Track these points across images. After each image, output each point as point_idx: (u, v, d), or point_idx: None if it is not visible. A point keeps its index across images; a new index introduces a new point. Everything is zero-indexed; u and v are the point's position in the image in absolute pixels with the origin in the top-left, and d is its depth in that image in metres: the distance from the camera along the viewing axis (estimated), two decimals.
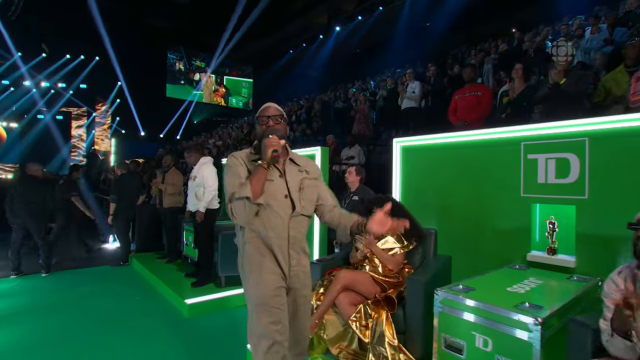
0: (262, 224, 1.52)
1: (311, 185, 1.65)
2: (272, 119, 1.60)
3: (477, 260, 2.74)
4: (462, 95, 4.04)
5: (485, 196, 2.77)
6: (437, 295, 1.86)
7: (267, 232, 1.52)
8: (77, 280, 4.53)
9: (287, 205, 1.56)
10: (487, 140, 2.80)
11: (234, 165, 1.57)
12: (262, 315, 1.48)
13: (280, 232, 1.53)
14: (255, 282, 1.52)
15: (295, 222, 1.57)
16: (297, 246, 1.59)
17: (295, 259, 1.58)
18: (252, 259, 1.54)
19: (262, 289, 1.50)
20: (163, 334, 2.96)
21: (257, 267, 1.53)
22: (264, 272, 1.52)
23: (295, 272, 1.58)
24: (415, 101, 6.23)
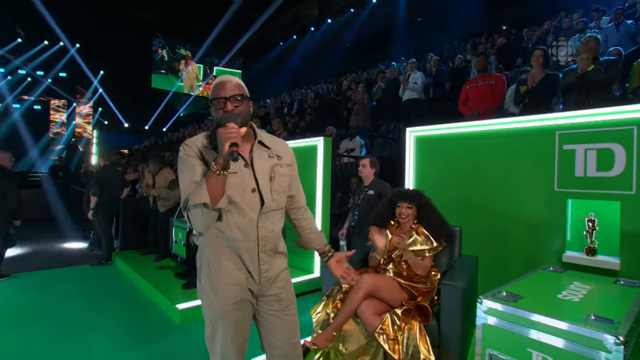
0: (225, 225, 1.24)
1: (284, 174, 1.37)
2: (230, 100, 1.25)
3: (504, 261, 2.51)
4: (474, 84, 3.81)
5: (513, 191, 2.53)
6: (481, 304, 1.60)
7: (233, 234, 1.25)
8: (53, 282, 4.11)
9: (255, 201, 1.28)
10: (515, 129, 2.56)
11: (187, 158, 1.26)
12: (217, 331, 1.27)
13: (248, 234, 1.26)
14: (211, 292, 1.27)
15: (265, 220, 1.30)
16: (268, 248, 1.31)
17: (267, 262, 1.31)
18: (210, 265, 1.28)
19: (219, 301, 1.26)
20: (152, 343, 2.63)
21: (215, 275, 1.27)
22: (223, 282, 1.26)
23: (268, 277, 1.32)
24: (417, 92, 5.98)
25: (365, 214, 3.11)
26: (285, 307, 1.36)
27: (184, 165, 1.27)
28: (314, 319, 2.03)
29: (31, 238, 7.11)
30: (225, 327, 1.26)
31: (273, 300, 1.34)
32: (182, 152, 1.29)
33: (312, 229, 1.54)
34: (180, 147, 1.30)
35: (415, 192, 2.23)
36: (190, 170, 1.23)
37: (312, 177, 4.22)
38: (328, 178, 4.22)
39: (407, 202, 2.17)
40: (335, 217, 4.47)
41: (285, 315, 1.36)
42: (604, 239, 2.15)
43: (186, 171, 1.25)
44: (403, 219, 2.18)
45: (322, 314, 2.01)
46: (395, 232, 2.22)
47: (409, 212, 2.17)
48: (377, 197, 3.12)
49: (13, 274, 4.26)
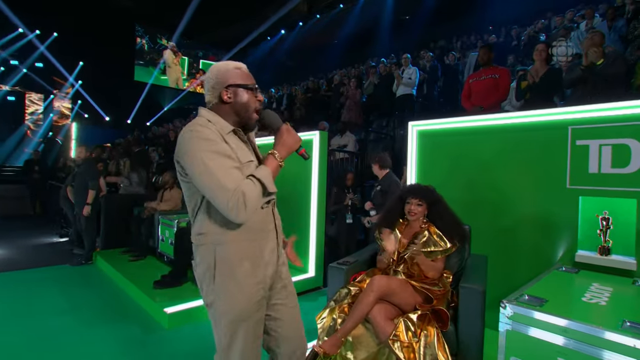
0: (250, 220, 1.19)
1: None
2: (259, 91, 1.27)
3: (513, 261, 2.42)
4: (478, 78, 3.71)
5: (522, 188, 2.44)
6: (505, 309, 1.48)
7: (256, 226, 1.22)
8: (28, 283, 3.83)
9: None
10: (525, 124, 2.46)
11: (216, 142, 1.14)
12: (237, 337, 1.18)
13: (268, 224, 1.27)
14: (233, 291, 1.18)
15: (275, 208, 1.34)
16: (281, 236, 1.37)
17: (281, 252, 1.36)
18: (229, 263, 1.18)
19: (242, 301, 1.18)
20: (139, 349, 2.43)
21: (238, 274, 1.18)
22: (245, 281, 1.19)
23: (283, 266, 1.36)
24: (411, 88, 5.88)
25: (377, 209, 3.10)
26: (292, 296, 1.37)
27: (214, 148, 1.13)
28: (318, 325, 1.88)
29: (4, 236, 6.70)
30: (246, 330, 1.19)
31: (282, 289, 1.33)
32: (204, 135, 1.14)
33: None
34: (196, 130, 1.15)
35: (427, 188, 2.11)
36: (226, 156, 1.14)
37: (307, 173, 4.06)
38: (324, 174, 4.07)
39: (418, 198, 2.04)
40: (330, 215, 4.32)
41: (292, 303, 1.36)
42: (618, 238, 2.08)
43: (221, 156, 1.13)
44: (412, 216, 2.05)
45: (327, 320, 1.86)
46: (405, 230, 2.09)
47: (419, 209, 2.04)
48: (381, 193, 3.01)
49: None
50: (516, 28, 7.64)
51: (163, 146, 8.34)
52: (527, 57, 6.37)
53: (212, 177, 1.09)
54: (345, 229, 4.18)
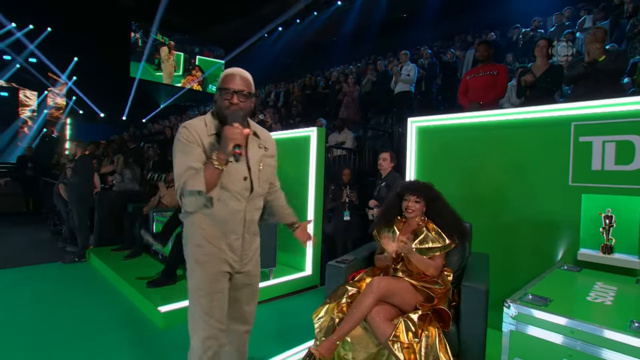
0: (217, 209, 1.36)
1: (270, 164, 1.54)
2: (237, 94, 1.35)
3: (514, 259, 2.39)
4: (475, 75, 3.67)
5: (523, 185, 2.40)
6: (508, 309, 1.44)
7: (223, 217, 1.38)
8: (20, 281, 3.75)
9: (246, 188, 1.41)
10: (527, 120, 2.42)
11: (187, 143, 1.33)
12: (202, 303, 1.38)
13: (237, 217, 1.40)
14: (197, 264, 1.39)
15: (251, 205, 1.45)
16: (251, 230, 1.49)
17: (249, 242, 1.48)
18: (198, 241, 1.39)
19: (203, 272, 1.39)
20: (133, 350, 2.37)
21: (201, 250, 1.39)
22: (209, 256, 1.39)
23: (248, 255, 1.49)
24: (409, 85, 5.84)
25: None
26: (253, 282, 1.55)
27: (183, 148, 1.33)
28: (315, 325, 1.83)
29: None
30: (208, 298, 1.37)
31: (245, 275, 1.50)
32: (183, 136, 1.34)
33: (286, 206, 1.77)
34: (181, 129, 1.36)
35: (425, 184, 2.06)
36: (189, 156, 1.31)
37: (305, 170, 4.01)
38: (321, 170, 4.02)
39: (415, 195, 2.00)
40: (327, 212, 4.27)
41: (251, 288, 1.55)
42: (621, 236, 2.04)
43: (185, 155, 1.32)
44: (409, 213, 2.00)
45: (325, 319, 1.81)
46: (403, 228, 2.05)
47: (417, 206, 1.99)
48: (387, 189, 2.98)
49: None
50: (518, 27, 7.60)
51: (159, 143, 8.24)
52: (526, 55, 6.35)
53: (175, 171, 1.33)
54: (343, 226, 4.13)
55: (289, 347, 2.41)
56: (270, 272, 3.62)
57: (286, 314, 3.09)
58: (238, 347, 1.60)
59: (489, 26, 8.87)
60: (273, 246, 3.59)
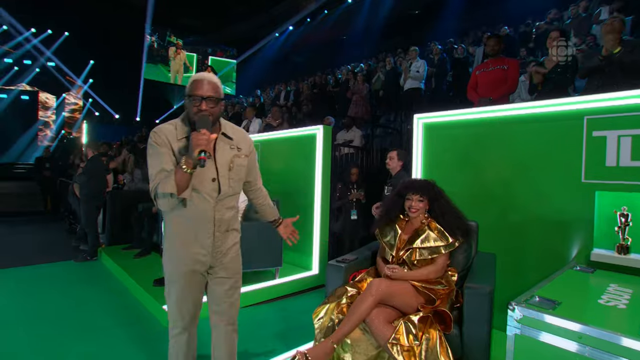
0: (187, 209, 1.43)
1: (242, 164, 1.55)
2: (206, 100, 1.39)
3: (523, 259, 2.30)
4: (485, 69, 3.56)
5: (533, 182, 2.31)
6: (513, 311, 1.37)
7: (193, 217, 1.45)
8: (33, 279, 3.84)
9: (214, 189, 1.46)
10: (537, 114, 2.33)
11: (156, 146, 1.40)
12: (171, 294, 1.51)
13: (206, 216, 1.46)
14: (168, 260, 1.51)
15: (221, 205, 1.49)
16: (223, 228, 1.52)
17: (220, 239, 1.52)
18: (172, 238, 1.49)
19: (174, 268, 1.49)
20: (137, 348, 2.39)
21: (173, 248, 1.49)
22: (179, 254, 1.47)
23: (221, 252, 1.53)
24: (419, 81, 5.73)
25: None
26: (232, 275, 1.58)
27: (153, 152, 1.40)
28: (315, 325, 1.79)
29: (15, 232, 6.81)
30: (176, 290, 1.49)
31: (221, 269, 1.55)
32: (152, 140, 1.41)
33: (268, 204, 1.79)
34: (151, 134, 1.43)
35: (427, 182, 2.00)
36: (160, 159, 1.38)
37: (311, 168, 3.98)
38: (328, 169, 3.98)
39: (418, 194, 1.94)
40: (335, 211, 4.23)
41: (229, 281, 1.58)
42: (638, 236, 1.94)
43: (156, 158, 1.39)
44: (413, 213, 1.95)
45: (325, 319, 1.77)
46: (405, 227, 1.99)
47: (420, 205, 1.93)
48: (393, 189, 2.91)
49: None
50: (529, 23, 7.39)
51: None
52: (539, 49, 6.16)
53: (149, 174, 1.42)
54: (350, 225, 4.09)
55: (292, 346, 2.39)
56: (276, 271, 3.61)
57: (291, 313, 3.06)
58: (225, 344, 1.64)
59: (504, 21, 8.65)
60: (279, 245, 3.57)
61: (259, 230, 3.53)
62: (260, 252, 3.45)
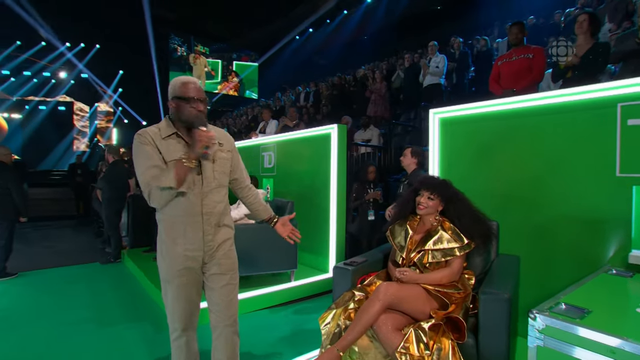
0: (174, 204, 1.46)
1: (224, 157, 1.61)
2: (201, 102, 1.49)
3: (551, 262, 2.11)
4: (508, 59, 3.35)
5: (561, 178, 2.12)
6: (534, 320, 1.23)
7: (180, 211, 1.47)
8: (59, 281, 3.99)
9: (198, 181, 1.49)
10: (563, 104, 2.13)
11: (142, 146, 1.45)
12: (167, 293, 1.52)
13: (193, 210, 1.48)
14: (162, 259, 1.52)
15: (209, 199, 1.52)
16: (212, 222, 1.53)
17: (211, 234, 1.53)
18: (162, 237, 1.52)
19: (167, 267, 1.50)
20: (148, 347, 2.39)
21: (165, 246, 1.51)
22: (170, 252, 1.49)
23: (212, 247, 1.54)
24: (439, 77, 5.53)
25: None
26: (226, 271, 1.58)
27: (140, 151, 1.44)
28: (322, 331, 1.70)
29: (50, 235, 7.16)
30: (172, 289, 1.50)
31: (214, 265, 1.56)
32: (138, 141, 1.46)
33: (259, 203, 1.80)
34: (135, 136, 1.48)
35: (441, 181, 1.86)
36: (147, 156, 1.43)
37: (326, 168, 3.89)
38: (343, 168, 3.88)
39: (429, 191, 1.81)
40: (351, 211, 4.12)
41: (224, 277, 1.58)
42: None
43: (143, 156, 1.43)
44: (420, 210, 1.81)
45: (332, 325, 1.68)
46: (417, 227, 1.86)
47: (429, 203, 1.80)
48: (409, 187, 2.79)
49: (20, 273, 4.16)
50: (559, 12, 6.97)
51: None
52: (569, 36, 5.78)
53: (137, 172, 1.44)
54: (368, 225, 3.96)
55: (301, 352, 2.31)
56: (291, 274, 3.54)
57: (305, 317, 2.99)
58: (225, 347, 1.62)
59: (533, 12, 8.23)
60: (293, 247, 3.51)
61: (274, 232, 3.49)
62: (275, 254, 3.40)
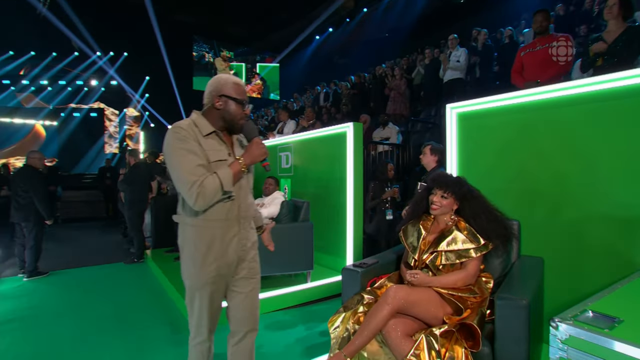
0: (214, 209, 1.39)
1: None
2: (247, 106, 1.46)
3: (579, 264, 1.96)
4: (532, 49, 3.16)
5: (591, 173, 1.96)
6: (557, 330, 1.12)
7: (218, 216, 1.41)
8: (86, 280, 4.14)
9: (238, 186, 1.44)
10: (594, 93, 1.97)
11: (184, 140, 1.34)
12: (196, 301, 1.45)
13: (231, 215, 1.44)
14: (192, 266, 1.42)
15: (245, 202, 1.49)
16: (247, 225, 1.52)
17: (245, 238, 1.50)
18: (197, 242, 1.41)
19: (198, 275, 1.42)
20: (165, 349, 2.41)
21: (200, 252, 1.41)
22: (204, 259, 1.40)
23: (246, 250, 1.51)
24: (460, 71, 5.33)
25: None
26: (254, 275, 1.55)
27: (181, 147, 1.33)
28: (331, 335, 1.65)
29: (81, 235, 7.48)
30: (200, 297, 1.44)
31: (244, 268, 1.52)
32: (178, 136, 1.34)
33: (257, 210, 1.75)
34: (175, 130, 1.37)
35: (455, 178, 1.76)
36: (194, 153, 1.33)
37: (342, 167, 3.83)
38: (360, 167, 3.80)
39: (442, 189, 1.71)
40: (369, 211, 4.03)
41: (252, 281, 1.54)
42: None
43: (189, 152, 1.33)
44: (433, 210, 1.72)
45: (341, 329, 1.62)
46: (431, 227, 1.77)
47: (443, 202, 1.70)
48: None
49: (51, 272, 4.36)
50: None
51: None
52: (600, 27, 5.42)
53: (177, 171, 1.32)
54: (385, 225, 3.86)
55: (314, 354, 2.27)
56: (307, 275, 3.51)
57: (322, 318, 2.93)
58: (249, 353, 1.59)
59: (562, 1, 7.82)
60: (310, 248, 3.47)
61: (290, 233, 3.46)
62: (291, 255, 3.37)
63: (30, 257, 4.12)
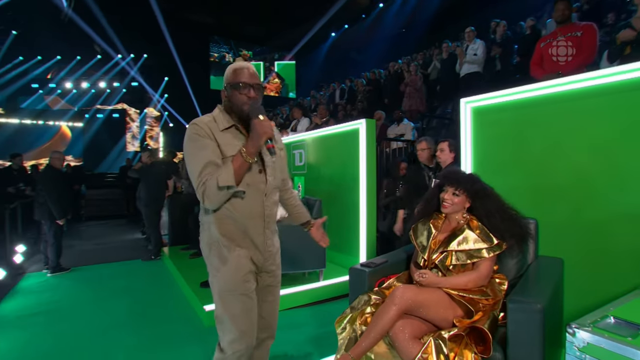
0: (236, 204, 1.32)
1: (281, 155, 1.52)
2: (254, 87, 1.34)
3: (603, 265, 1.85)
4: (553, 39, 3.02)
5: (617, 169, 1.85)
6: (574, 337, 1.05)
7: (242, 213, 1.34)
8: (104, 276, 4.26)
9: (261, 181, 1.37)
10: (620, 83, 1.85)
11: (200, 138, 1.30)
12: (230, 304, 1.33)
13: (255, 212, 1.36)
14: (222, 266, 1.34)
15: (269, 199, 1.40)
16: (271, 225, 1.44)
17: (270, 239, 1.44)
18: (220, 242, 1.35)
19: (230, 273, 1.33)
20: (177, 345, 2.45)
21: (226, 250, 1.34)
22: (234, 255, 1.34)
23: (271, 253, 1.45)
24: (478, 65, 5.16)
25: None
26: (278, 283, 1.52)
27: (197, 144, 1.30)
28: (339, 335, 1.61)
29: (102, 233, 7.72)
30: (236, 300, 1.32)
31: (270, 276, 1.47)
32: (194, 131, 1.32)
33: (301, 205, 1.70)
34: (190, 127, 1.34)
35: (467, 175, 1.69)
36: (206, 150, 1.29)
37: (355, 164, 3.78)
38: (373, 165, 3.74)
39: (454, 186, 1.64)
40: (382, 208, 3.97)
41: (276, 290, 1.52)
42: None
43: (201, 150, 1.29)
44: (444, 208, 1.66)
45: (348, 330, 1.59)
46: (442, 226, 1.71)
47: (454, 199, 1.63)
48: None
49: (73, 268, 4.50)
50: None
51: None
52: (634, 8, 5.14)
53: (191, 168, 1.29)
54: None
55: (326, 354, 2.25)
56: (320, 274, 3.48)
57: (332, 317, 2.90)
58: (259, 357, 1.54)
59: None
60: (322, 247, 3.44)
61: (302, 231, 3.44)
62: (303, 253, 3.35)
63: (51, 253, 4.27)
